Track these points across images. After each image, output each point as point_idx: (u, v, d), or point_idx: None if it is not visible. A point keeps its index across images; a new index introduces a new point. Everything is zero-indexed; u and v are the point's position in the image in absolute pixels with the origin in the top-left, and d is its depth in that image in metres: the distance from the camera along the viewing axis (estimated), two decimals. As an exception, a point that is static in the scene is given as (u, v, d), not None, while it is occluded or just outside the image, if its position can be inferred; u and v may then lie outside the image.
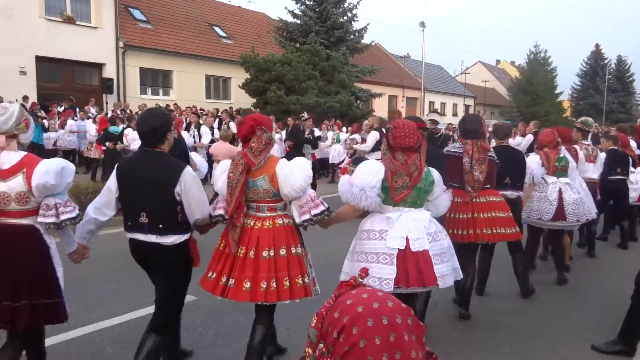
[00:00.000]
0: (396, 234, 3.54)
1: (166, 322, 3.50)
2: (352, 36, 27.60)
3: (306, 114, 14.84)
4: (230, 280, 3.42)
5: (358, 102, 26.51)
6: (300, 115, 14.68)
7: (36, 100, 18.30)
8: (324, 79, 23.17)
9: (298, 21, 26.88)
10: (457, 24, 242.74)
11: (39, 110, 15.37)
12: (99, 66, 22.47)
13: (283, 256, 3.41)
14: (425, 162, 3.77)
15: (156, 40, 24.49)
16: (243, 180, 3.42)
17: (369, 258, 3.57)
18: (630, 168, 7.89)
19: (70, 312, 3.33)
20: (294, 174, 3.39)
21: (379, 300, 1.39)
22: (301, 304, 3.59)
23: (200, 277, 3.60)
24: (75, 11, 21.48)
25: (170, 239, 3.35)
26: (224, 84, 27.92)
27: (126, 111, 18.33)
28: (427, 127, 4.78)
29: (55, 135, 14.51)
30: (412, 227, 3.56)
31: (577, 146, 6.98)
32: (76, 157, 15.44)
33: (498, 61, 70.62)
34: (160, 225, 3.32)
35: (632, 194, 7.93)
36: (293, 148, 12.52)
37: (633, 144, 8.87)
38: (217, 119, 16.81)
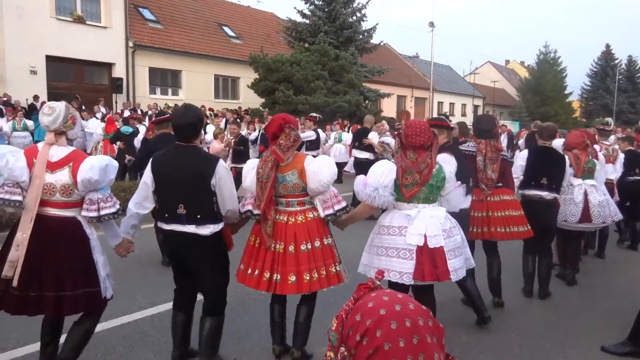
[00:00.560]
0: (415, 231, 3.68)
1: (218, 304, 3.75)
2: (361, 36, 27.55)
3: (303, 117, 14.71)
4: (274, 275, 3.64)
5: (367, 102, 26.47)
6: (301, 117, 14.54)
7: (46, 100, 18.42)
8: (333, 79, 23.12)
9: (307, 21, 26.87)
10: (467, 24, 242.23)
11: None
12: (108, 66, 22.59)
13: (318, 248, 3.70)
14: (436, 160, 3.85)
15: (165, 40, 24.60)
16: (273, 176, 3.64)
17: (389, 252, 3.74)
18: None
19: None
20: (322, 170, 3.64)
21: (400, 303, 1.39)
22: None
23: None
24: (86, 11, 21.61)
25: (207, 229, 3.52)
26: (232, 84, 27.99)
27: (137, 110, 18.42)
28: (453, 127, 4.86)
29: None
30: (429, 224, 3.69)
31: (597, 146, 6.96)
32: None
33: (507, 61, 70.32)
34: (198, 216, 3.49)
35: None
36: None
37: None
38: (224, 118, 16.88)
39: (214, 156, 3.74)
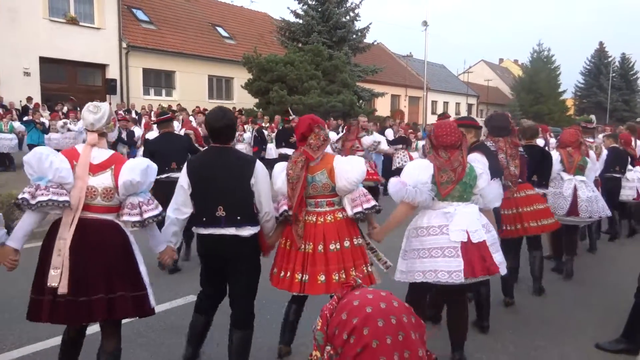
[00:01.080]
0: (457, 227, 3.64)
1: (249, 314, 3.64)
2: (354, 36, 27.57)
3: (293, 113, 14.59)
4: (304, 276, 3.64)
5: (360, 101, 26.48)
6: (291, 117, 14.43)
7: (40, 102, 18.35)
8: (327, 78, 23.13)
9: (300, 21, 26.86)
10: (460, 22, 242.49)
11: (44, 110, 15.32)
12: (102, 67, 22.56)
13: (347, 248, 3.69)
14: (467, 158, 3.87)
15: (159, 41, 24.56)
16: (304, 176, 3.69)
17: (432, 253, 3.67)
18: (629, 166, 8.04)
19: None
20: (352, 168, 3.69)
21: (385, 300, 1.41)
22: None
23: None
24: (79, 12, 21.57)
25: (247, 231, 3.49)
26: (226, 84, 27.95)
27: (131, 112, 18.30)
28: (480, 126, 4.85)
29: (56, 137, 14.38)
30: (469, 220, 3.68)
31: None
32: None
33: (501, 60, 70.46)
34: (238, 217, 3.45)
35: (628, 191, 8.09)
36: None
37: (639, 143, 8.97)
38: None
39: (251, 156, 3.78)
